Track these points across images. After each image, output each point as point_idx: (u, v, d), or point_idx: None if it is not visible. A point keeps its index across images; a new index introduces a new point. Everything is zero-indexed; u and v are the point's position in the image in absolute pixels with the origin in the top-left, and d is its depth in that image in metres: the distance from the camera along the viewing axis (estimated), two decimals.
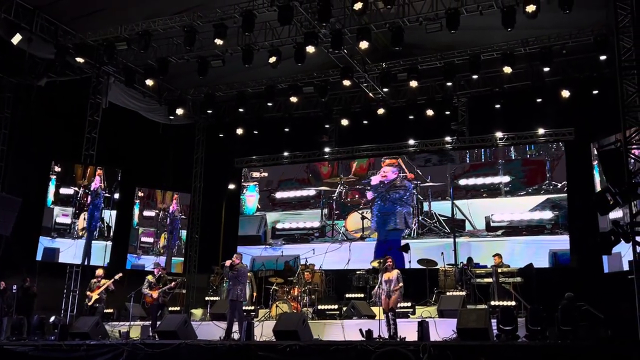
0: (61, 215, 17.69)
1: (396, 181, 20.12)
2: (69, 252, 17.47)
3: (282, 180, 21.77)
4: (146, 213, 20.20)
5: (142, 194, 20.25)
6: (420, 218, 19.50)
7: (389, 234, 19.79)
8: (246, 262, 19.16)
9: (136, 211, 20.05)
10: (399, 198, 19.91)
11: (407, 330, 12.16)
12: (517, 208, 18.47)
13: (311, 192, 21.30)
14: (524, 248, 17.72)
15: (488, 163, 19.23)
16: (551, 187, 18.19)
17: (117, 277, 15.49)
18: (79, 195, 17.98)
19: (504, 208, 18.63)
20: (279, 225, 21.27)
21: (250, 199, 21.96)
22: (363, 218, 20.34)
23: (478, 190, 19.05)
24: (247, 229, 21.64)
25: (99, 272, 15.79)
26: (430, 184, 19.57)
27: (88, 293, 15.40)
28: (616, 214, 13.24)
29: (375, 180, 20.39)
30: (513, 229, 18.31)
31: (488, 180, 19.01)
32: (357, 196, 20.70)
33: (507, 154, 19.07)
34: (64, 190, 17.89)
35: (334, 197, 20.87)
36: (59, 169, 17.96)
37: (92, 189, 18.04)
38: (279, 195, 21.65)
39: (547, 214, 18.00)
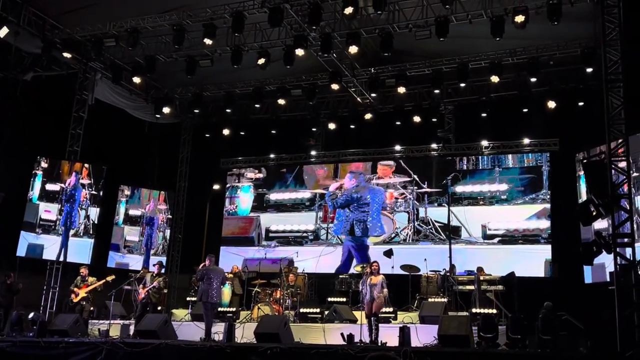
0: (45, 212, 17.50)
1: (353, 190, 20.04)
2: (54, 248, 17.27)
3: (277, 181, 21.53)
4: (131, 212, 20.06)
5: (127, 192, 20.09)
6: (416, 224, 19.38)
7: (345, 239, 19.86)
8: (237, 263, 19.17)
9: (121, 209, 19.91)
10: (350, 205, 19.86)
11: (389, 336, 12.14)
12: (513, 216, 18.33)
13: (306, 194, 21.13)
14: (520, 257, 17.55)
15: (485, 171, 19.09)
16: (548, 197, 18.05)
17: (109, 279, 15.38)
18: (64, 192, 17.81)
19: (501, 216, 18.50)
20: (273, 227, 21.02)
21: (245, 199, 21.75)
22: None
23: (475, 197, 18.92)
24: (239, 230, 21.39)
25: (83, 270, 15.65)
26: (427, 189, 19.42)
27: (75, 289, 15.25)
28: (601, 224, 13.34)
29: (332, 187, 20.36)
30: (509, 238, 18.19)
31: (485, 187, 18.88)
32: None
33: (505, 162, 18.91)
34: (50, 187, 17.66)
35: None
36: (46, 165, 17.73)
37: (66, 184, 17.79)
38: (274, 196, 21.42)
39: (544, 223, 17.88)
